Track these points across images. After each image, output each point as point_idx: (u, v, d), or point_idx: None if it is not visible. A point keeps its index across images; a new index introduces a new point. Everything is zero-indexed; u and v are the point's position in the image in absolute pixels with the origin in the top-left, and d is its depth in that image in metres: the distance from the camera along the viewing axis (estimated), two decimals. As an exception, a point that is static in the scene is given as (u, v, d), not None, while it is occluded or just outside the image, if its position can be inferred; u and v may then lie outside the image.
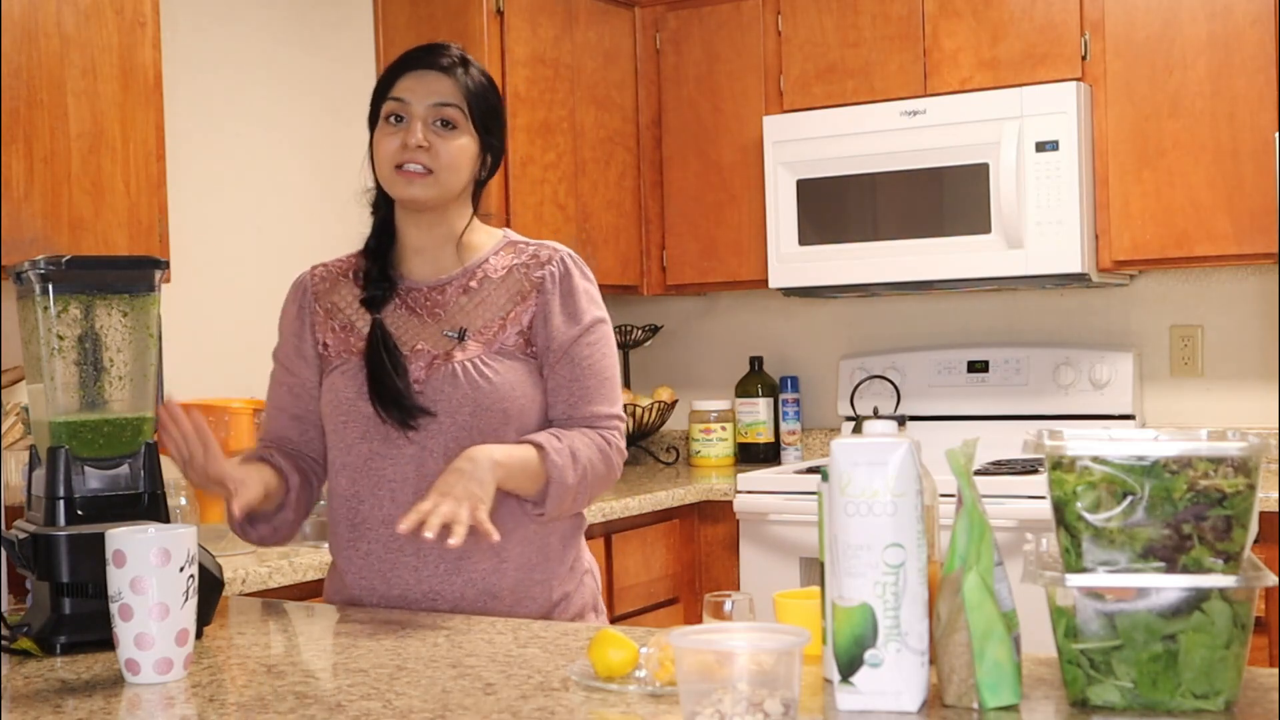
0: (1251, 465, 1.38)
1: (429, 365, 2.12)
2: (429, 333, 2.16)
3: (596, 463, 2.12)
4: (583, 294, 2.18)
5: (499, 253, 2.21)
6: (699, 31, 4.32)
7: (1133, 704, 1.40)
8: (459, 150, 2.13)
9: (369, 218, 2.30)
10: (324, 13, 3.89)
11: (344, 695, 1.61)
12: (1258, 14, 3.61)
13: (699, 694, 1.31)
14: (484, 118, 2.16)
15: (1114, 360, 4.03)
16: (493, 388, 2.10)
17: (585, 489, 2.12)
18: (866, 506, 1.42)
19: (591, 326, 2.17)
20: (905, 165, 3.93)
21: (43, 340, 1.96)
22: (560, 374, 2.14)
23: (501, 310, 2.15)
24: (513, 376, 2.12)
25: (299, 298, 2.29)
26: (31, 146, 2.75)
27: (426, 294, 2.19)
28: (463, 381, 2.10)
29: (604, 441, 2.14)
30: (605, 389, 2.17)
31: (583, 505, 2.17)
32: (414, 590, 2.12)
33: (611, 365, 2.19)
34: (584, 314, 2.16)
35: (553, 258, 2.19)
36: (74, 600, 1.90)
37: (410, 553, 2.11)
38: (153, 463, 2.01)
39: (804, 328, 4.58)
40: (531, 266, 2.18)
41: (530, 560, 2.14)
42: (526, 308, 2.15)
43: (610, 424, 2.16)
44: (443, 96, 2.13)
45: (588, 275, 2.22)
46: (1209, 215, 3.67)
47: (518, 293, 2.16)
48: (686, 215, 4.37)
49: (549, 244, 2.23)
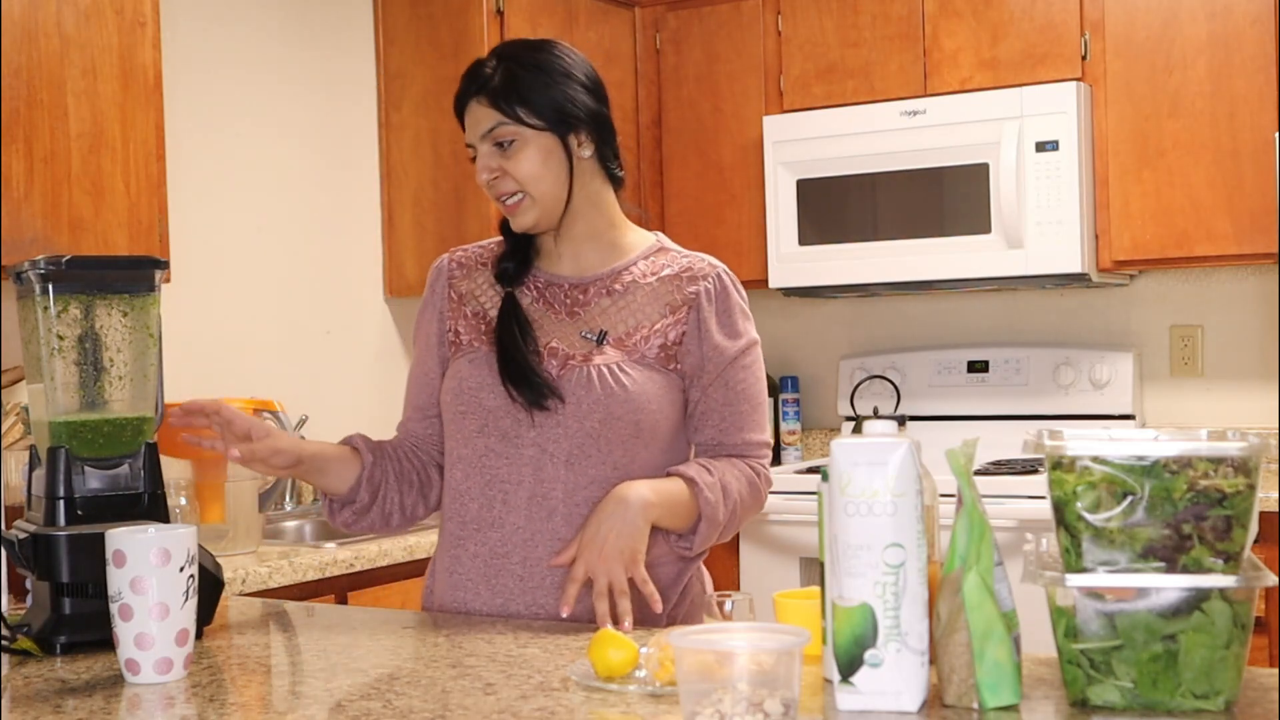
0: (1251, 465, 1.38)
1: (563, 365, 2.01)
2: (565, 331, 2.05)
3: (745, 495, 2.06)
4: (739, 314, 2.09)
5: (649, 257, 2.10)
6: (699, 31, 4.32)
7: (1133, 704, 1.40)
8: (528, 160, 2.00)
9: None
10: (324, 12, 3.89)
11: (344, 695, 1.61)
12: (1258, 14, 3.61)
13: (699, 694, 1.31)
14: (539, 107, 2.00)
15: (1114, 360, 4.03)
16: (628, 396, 1.99)
17: (733, 523, 2.06)
18: (866, 506, 1.42)
19: (748, 349, 2.09)
20: (905, 165, 3.93)
21: (43, 340, 1.96)
22: (713, 397, 2.05)
23: (648, 318, 2.04)
24: (650, 388, 2.01)
25: (434, 283, 2.16)
26: (31, 146, 2.75)
27: (567, 290, 2.08)
28: (597, 386, 1.98)
29: (753, 473, 2.08)
30: (757, 415, 2.08)
31: (728, 537, 2.11)
32: (518, 600, 2.01)
33: (763, 390, 2.11)
34: (741, 334, 2.08)
35: (709, 273, 2.08)
36: (74, 600, 1.90)
37: (517, 560, 2.01)
38: (153, 463, 2.01)
39: (804, 328, 4.58)
40: (685, 280, 2.07)
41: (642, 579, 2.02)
42: (676, 322, 2.04)
43: (761, 453, 2.10)
44: (487, 123, 2.01)
45: (743, 294, 2.12)
46: (1209, 215, 3.67)
47: (668, 304, 2.05)
48: (686, 215, 4.37)
49: (704, 257, 2.12)
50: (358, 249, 3.96)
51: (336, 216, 3.91)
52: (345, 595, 2.91)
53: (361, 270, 3.96)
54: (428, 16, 3.92)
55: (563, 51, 2.07)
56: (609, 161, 2.09)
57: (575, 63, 2.06)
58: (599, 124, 2.06)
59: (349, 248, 3.94)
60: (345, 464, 2.07)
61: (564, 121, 2.02)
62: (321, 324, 3.86)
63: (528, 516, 2.01)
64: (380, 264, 4.01)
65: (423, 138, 3.93)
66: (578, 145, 2.04)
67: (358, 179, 3.97)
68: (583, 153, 2.05)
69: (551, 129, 2.02)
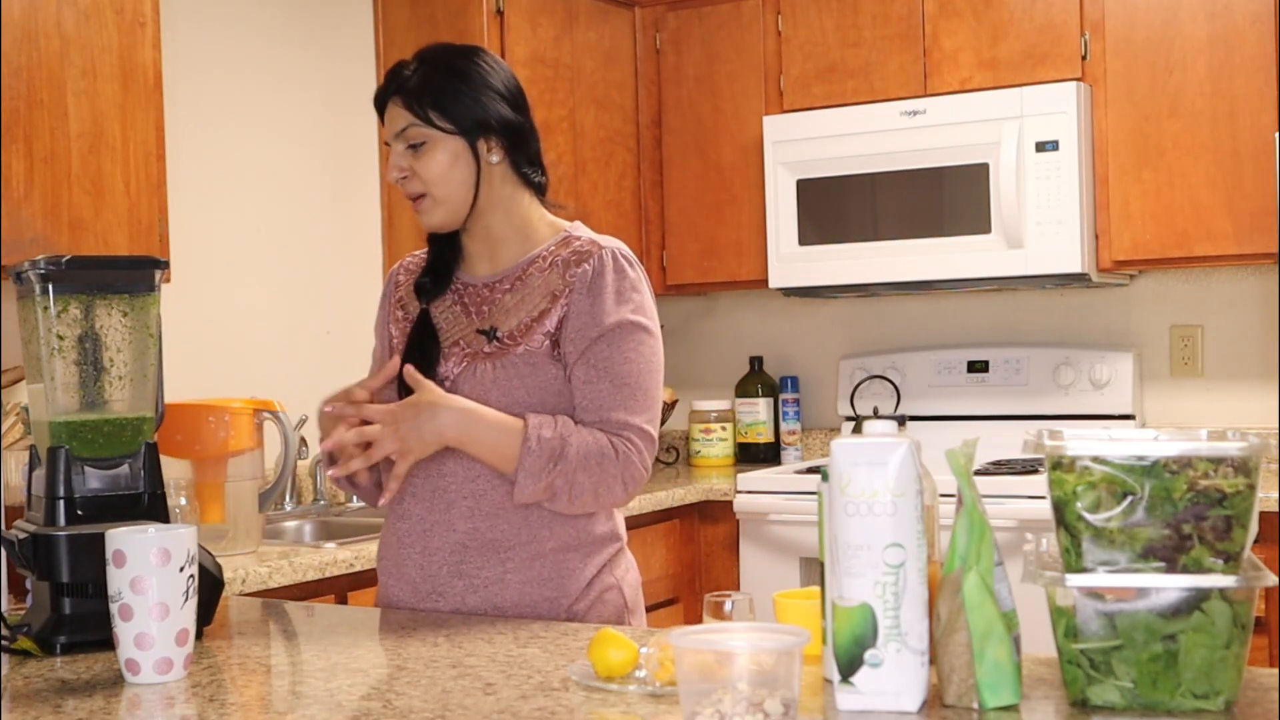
0: (1251, 465, 1.38)
1: (460, 363, 2.10)
2: (468, 330, 2.12)
3: (591, 461, 2.00)
4: (612, 295, 2.06)
5: (553, 247, 2.13)
6: (699, 31, 4.32)
7: (1133, 704, 1.40)
8: (434, 163, 2.07)
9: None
10: (324, 12, 3.89)
11: (344, 695, 1.61)
12: (1258, 14, 3.61)
13: (699, 694, 1.31)
14: (450, 112, 2.06)
15: (1114, 360, 4.03)
16: (507, 390, 2.04)
17: (570, 485, 2.00)
18: (866, 506, 1.42)
19: (617, 328, 2.05)
20: (905, 165, 3.93)
21: (43, 340, 1.95)
22: (577, 374, 2.05)
23: (533, 310, 2.08)
24: (533, 381, 2.05)
25: (385, 289, 2.29)
26: (31, 146, 2.75)
27: (479, 290, 2.15)
28: (479, 383, 2.06)
29: (611, 446, 2.02)
30: (622, 395, 2.04)
31: (570, 505, 2.03)
32: (421, 587, 2.09)
33: (637, 373, 2.05)
34: (608, 315, 2.05)
35: (594, 254, 2.08)
36: (74, 600, 1.90)
37: (418, 550, 2.09)
38: (153, 463, 2.01)
39: (804, 328, 4.58)
40: (571, 264, 2.08)
41: (541, 574, 2.06)
42: (556, 309, 2.07)
43: (624, 431, 2.03)
44: (399, 123, 2.08)
45: (628, 274, 2.08)
46: (1209, 215, 3.67)
47: (551, 292, 2.08)
48: (686, 215, 4.37)
49: (602, 239, 2.12)
50: (358, 249, 3.96)
51: (336, 216, 3.91)
52: (345, 595, 2.91)
53: (361, 270, 3.96)
54: (428, 17, 3.92)
55: (484, 60, 2.12)
56: (523, 168, 2.14)
57: (495, 71, 2.12)
58: (511, 131, 2.11)
59: (349, 248, 3.93)
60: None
61: (474, 127, 2.08)
62: (321, 324, 3.86)
63: (428, 507, 2.10)
64: (380, 264, 4.01)
65: (423, 138, 3.92)
66: (486, 151, 2.09)
67: (358, 179, 3.97)
68: (491, 158, 2.10)
69: (460, 133, 2.08)
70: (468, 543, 2.07)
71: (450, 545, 2.08)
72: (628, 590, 2.16)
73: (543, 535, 2.06)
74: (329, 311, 3.87)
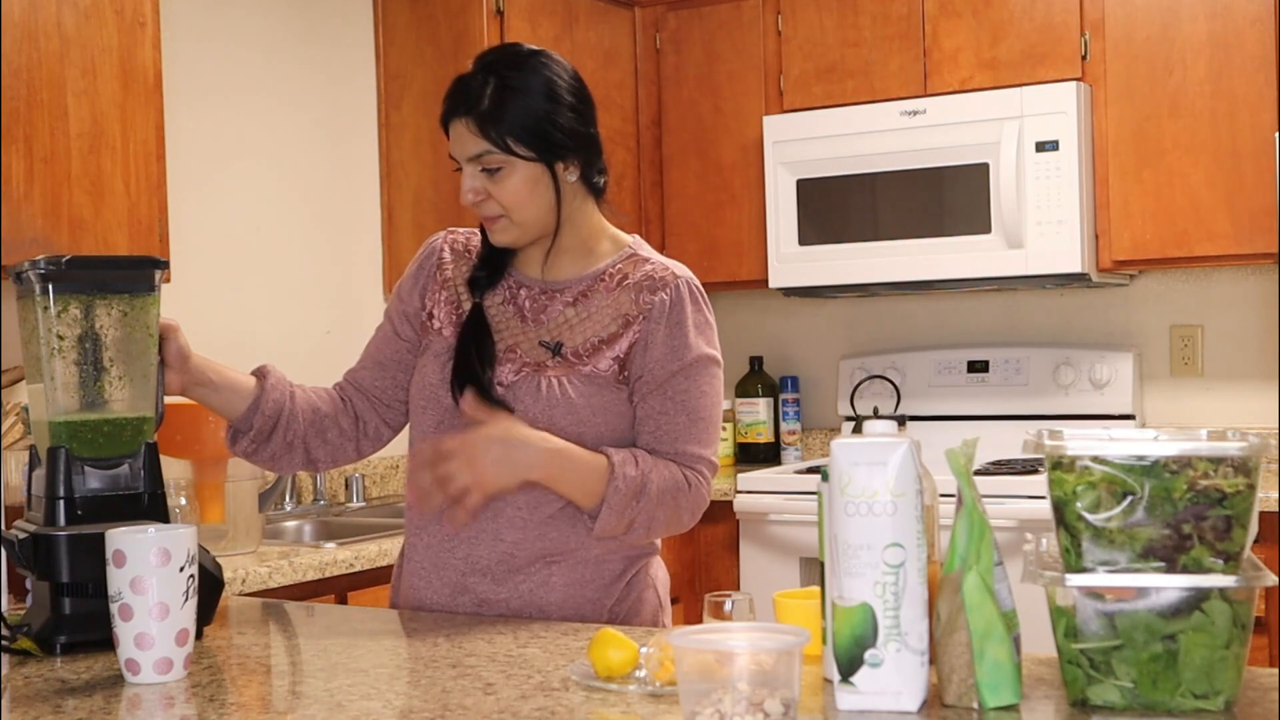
0: (1251, 465, 1.38)
1: (518, 370, 2.03)
2: (527, 337, 2.06)
3: (667, 496, 1.99)
4: (691, 327, 2.04)
5: (619, 264, 2.08)
6: (699, 31, 4.32)
7: (1133, 704, 1.40)
8: (513, 190, 2.00)
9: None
10: (324, 12, 3.89)
11: (344, 695, 1.61)
12: (1258, 14, 3.61)
13: (699, 694, 1.31)
14: (527, 136, 1.98)
15: (1114, 360, 4.03)
16: (573, 409, 2.00)
17: (649, 520, 2.00)
18: (866, 506, 1.42)
19: (696, 363, 2.03)
20: (905, 165, 3.93)
21: (43, 340, 1.95)
22: (651, 405, 2.02)
23: (603, 331, 2.04)
24: (598, 402, 2.01)
25: (422, 258, 2.17)
26: (31, 146, 2.75)
27: (536, 295, 2.09)
28: (544, 397, 2.00)
29: (684, 479, 2.01)
30: (696, 429, 2.03)
31: (647, 536, 2.04)
32: (462, 593, 2.05)
33: (710, 406, 2.04)
34: (691, 348, 2.03)
35: (670, 283, 2.05)
36: (74, 600, 1.90)
37: (460, 556, 2.05)
38: (153, 463, 2.01)
39: (804, 328, 4.58)
40: (645, 289, 2.04)
41: (583, 577, 2.05)
42: (628, 334, 2.03)
43: (697, 465, 2.03)
44: (474, 148, 1.99)
45: (703, 308, 2.07)
46: (1209, 215, 3.67)
47: (623, 316, 2.04)
48: (686, 215, 4.37)
49: (672, 265, 2.09)
50: (358, 249, 3.96)
51: (336, 216, 3.91)
52: (345, 595, 2.91)
53: (361, 270, 3.96)
54: (428, 16, 3.92)
55: (553, 70, 2.03)
56: (594, 178, 2.08)
57: (564, 80, 2.03)
58: (586, 147, 2.05)
59: (349, 247, 3.94)
60: (242, 385, 2.10)
61: (551, 150, 2.01)
62: (321, 324, 3.86)
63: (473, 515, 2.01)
64: (380, 264, 4.01)
65: (423, 137, 3.93)
66: (564, 171, 2.03)
67: (358, 179, 3.97)
68: (569, 177, 2.04)
69: (539, 158, 2.00)
70: (515, 553, 2.03)
71: (497, 555, 2.03)
72: (661, 589, 2.16)
73: (588, 543, 2.04)
74: (329, 311, 3.87)
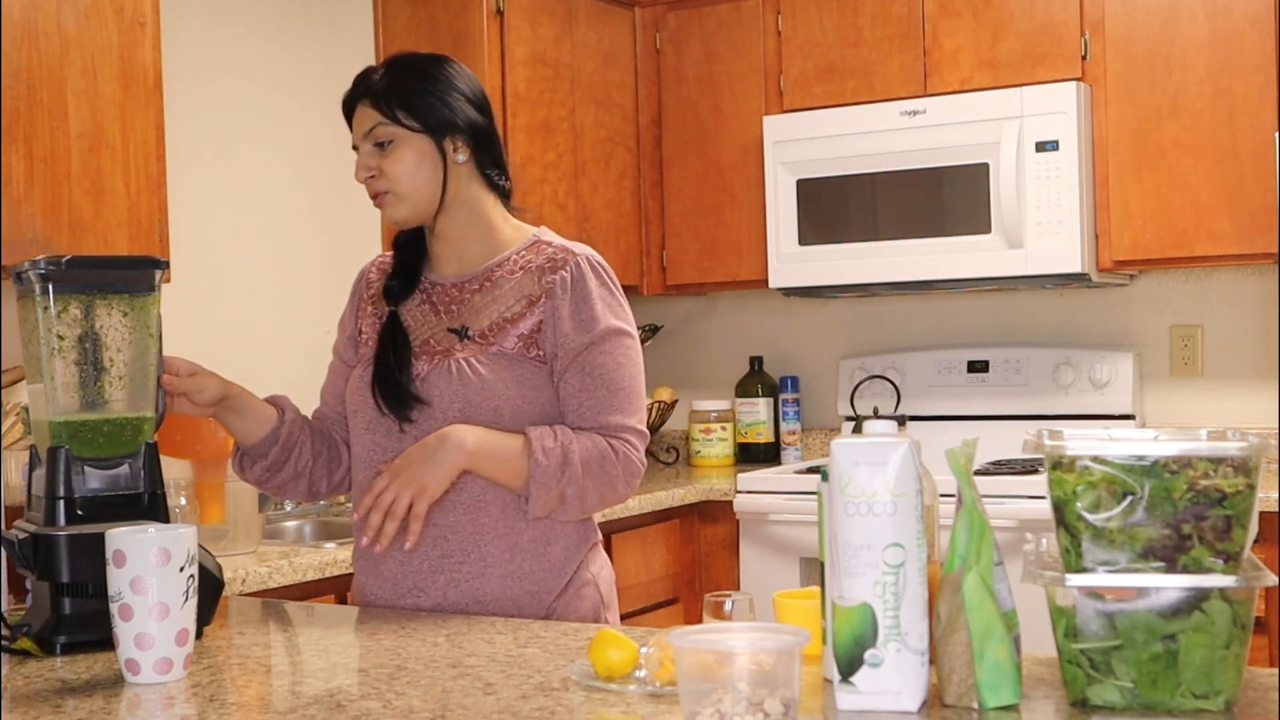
0: (1251, 465, 1.38)
1: (430, 360, 2.13)
2: (438, 329, 2.16)
3: (593, 465, 2.06)
4: (597, 301, 2.11)
5: (522, 251, 2.17)
6: (699, 31, 4.32)
7: (1133, 704, 1.40)
8: (400, 161, 2.11)
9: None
10: (324, 13, 3.89)
11: (344, 695, 1.61)
12: (1258, 14, 3.61)
13: (699, 694, 1.31)
14: (417, 110, 2.11)
15: (1114, 360, 4.03)
16: (484, 385, 2.08)
17: (580, 492, 2.07)
18: (866, 506, 1.42)
19: (606, 336, 2.10)
20: (905, 165, 3.93)
21: (43, 340, 1.96)
22: (570, 383, 2.10)
23: (507, 311, 2.12)
24: (509, 376, 2.08)
25: (354, 286, 2.34)
26: (31, 146, 2.75)
27: (447, 290, 2.19)
28: (455, 379, 2.09)
29: (609, 448, 2.08)
30: (617, 400, 2.10)
31: (582, 511, 2.11)
32: (402, 584, 2.12)
33: (628, 376, 2.12)
34: (597, 322, 2.10)
35: (568, 262, 2.13)
36: (74, 600, 1.90)
37: (397, 547, 2.09)
38: (153, 463, 2.01)
39: (804, 328, 4.58)
40: (546, 270, 2.13)
41: (522, 569, 2.10)
42: (533, 313, 2.11)
43: (621, 434, 2.10)
44: (367, 123, 2.14)
45: (607, 282, 2.15)
46: (1209, 215, 3.67)
47: (525, 296, 2.12)
48: (686, 215, 4.37)
49: (573, 246, 2.17)
50: (358, 249, 3.96)
51: (336, 216, 3.90)
52: (345, 595, 2.91)
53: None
54: (428, 16, 3.92)
55: (451, 65, 2.19)
56: (488, 169, 2.18)
57: (460, 76, 2.18)
58: (477, 133, 2.16)
59: (349, 248, 3.93)
60: (265, 414, 2.20)
61: (440, 126, 2.12)
62: (321, 324, 3.85)
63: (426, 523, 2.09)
64: (380, 264, 4.01)
65: (423, 138, 3.92)
66: (453, 150, 2.14)
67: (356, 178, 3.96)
68: (457, 157, 2.14)
69: (427, 132, 2.12)
70: (448, 535, 2.09)
71: (430, 539, 2.10)
72: (603, 587, 2.21)
73: (519, 526, 2.10)
74: (329, 311, 3.86)
